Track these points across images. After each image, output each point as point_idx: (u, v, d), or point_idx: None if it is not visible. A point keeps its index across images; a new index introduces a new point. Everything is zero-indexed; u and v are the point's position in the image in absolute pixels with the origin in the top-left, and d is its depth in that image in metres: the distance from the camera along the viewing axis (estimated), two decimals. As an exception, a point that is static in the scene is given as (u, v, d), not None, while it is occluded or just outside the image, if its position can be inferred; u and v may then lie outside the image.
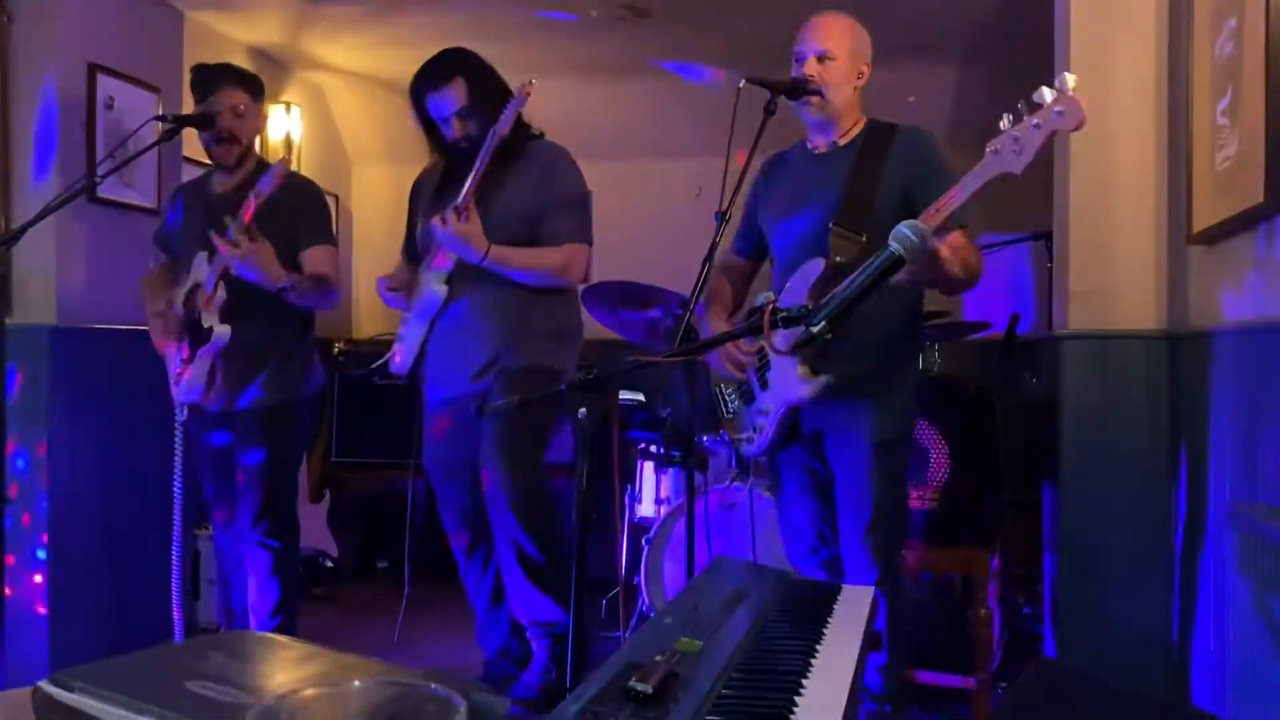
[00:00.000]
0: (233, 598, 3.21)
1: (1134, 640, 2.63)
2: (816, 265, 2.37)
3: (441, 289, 2.82)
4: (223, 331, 2.87)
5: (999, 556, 3.21)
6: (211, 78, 3.00)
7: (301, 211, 2.97)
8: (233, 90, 2.97)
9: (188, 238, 3.05)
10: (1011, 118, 1.90)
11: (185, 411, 2.98)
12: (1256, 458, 2.00)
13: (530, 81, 2.57)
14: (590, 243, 2.91)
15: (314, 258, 2.99)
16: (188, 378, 2.93)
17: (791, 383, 2.38)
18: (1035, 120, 1.88)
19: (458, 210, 2.66)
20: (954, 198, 2.02)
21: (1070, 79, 1.84)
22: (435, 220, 2.71)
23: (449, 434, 2.96)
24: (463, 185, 2.70)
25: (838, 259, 2.31)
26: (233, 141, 2.99)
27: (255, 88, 3.05)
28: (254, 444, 2.99)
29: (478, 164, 2.66)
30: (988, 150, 1.95)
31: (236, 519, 3.10)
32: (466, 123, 2.81)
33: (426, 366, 2.95)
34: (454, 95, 2.80)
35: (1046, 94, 1.86)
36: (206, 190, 3.10)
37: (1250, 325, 2.08)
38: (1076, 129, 1.87)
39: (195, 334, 2.92)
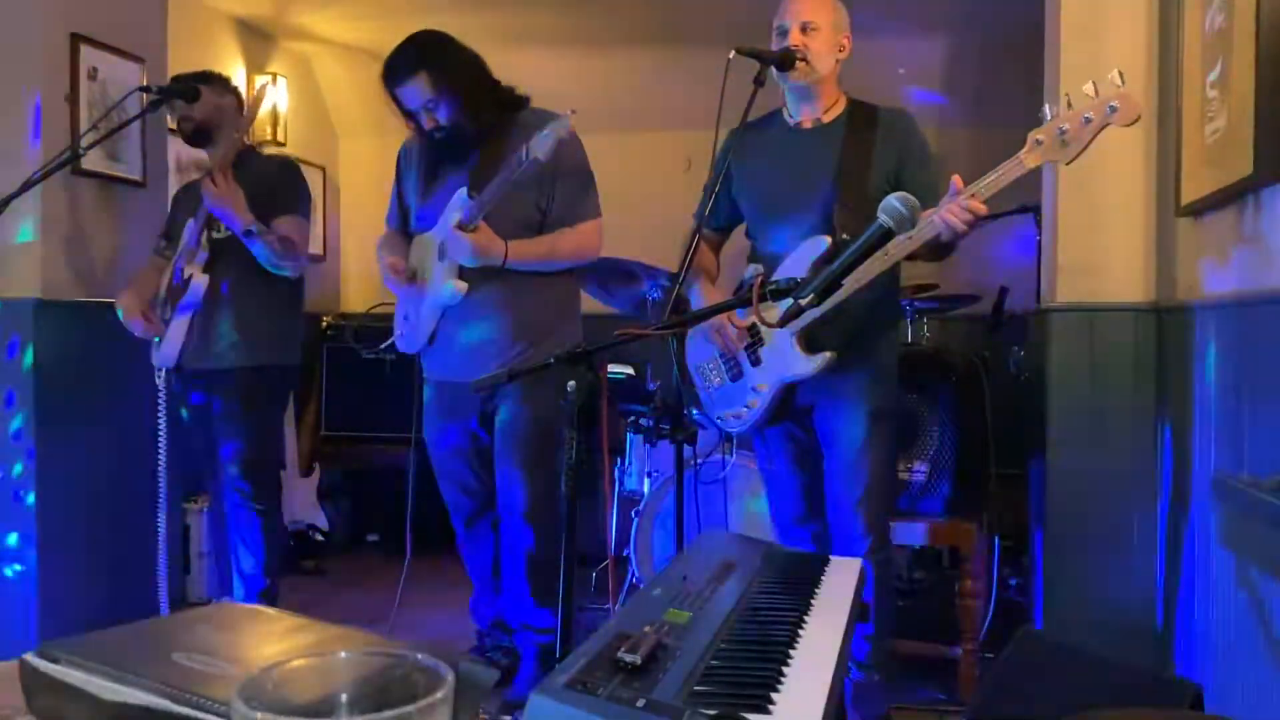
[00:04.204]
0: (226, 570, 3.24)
1: (1119, 611, 2.66)
2: (820, 242, 2.36)
3: (460, 285, 2.75)
4: (201, 280, 2.96)
5: (986, 528, 3.23)
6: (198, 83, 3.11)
7: (278, 184, 3.08)
8: (222, 93, 3.15)
9: (183, 218, 3.12)
10: (1055, 109, 1.91)
11: (163, 376, 3.06)
12: (1241, 430, 2.01)
13: (571, 112, 2.47)
14: (600, 215, 2.89)
15: (281, 225, 3.05)
16: (168, 339, 3.01)
17: (790, 360, 2.37)
18: (1086, 113, 1.87)
19: (464, 227, 2.63)
20: (997, 180, 2.04)
21: (1119, 75, 1.85)
22: (453, 232, 2.67)
23: (451, 410, 2.94)
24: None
25: (844, 236, 2.31)
26: (208, 139, 3.14)
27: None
28: (233, 408, 3.06)
29: (498, 181, 2.58)
30: (1030, 139, 1.96)
31: (221, 487, 3.15)
32: (434, 114, 2.75)
33: (433, 349, 2.92)
34: (417, 89, 2.73)
35: (1098, 87, 1.86)
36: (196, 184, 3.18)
37: (1237, 298, 2.08)
38: (1130, 124, 1.88)
39: (177, 293, 3.00)
